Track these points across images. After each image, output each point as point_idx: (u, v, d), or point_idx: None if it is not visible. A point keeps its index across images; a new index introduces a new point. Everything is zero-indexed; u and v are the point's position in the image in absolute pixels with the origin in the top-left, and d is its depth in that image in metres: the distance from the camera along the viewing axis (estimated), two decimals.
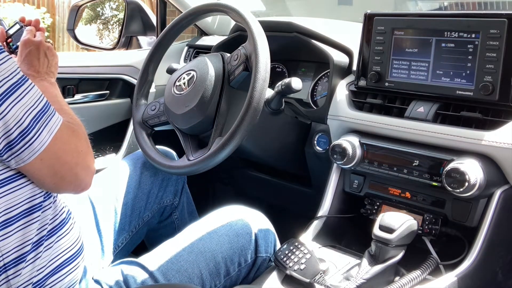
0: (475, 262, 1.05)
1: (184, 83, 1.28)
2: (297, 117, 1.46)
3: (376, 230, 1.06)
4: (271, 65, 1.24)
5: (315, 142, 1.43)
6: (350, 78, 1.39)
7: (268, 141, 1.42)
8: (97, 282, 1.04)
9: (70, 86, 1.73)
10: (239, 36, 1.60)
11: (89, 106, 1.79)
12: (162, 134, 1.44)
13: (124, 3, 2.05)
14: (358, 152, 1.24)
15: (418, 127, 1.17)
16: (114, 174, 1.34)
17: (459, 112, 1.14)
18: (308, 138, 1.45)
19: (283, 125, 1.42)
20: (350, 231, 1.32)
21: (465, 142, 1.10)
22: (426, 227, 1.17)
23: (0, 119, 0.78)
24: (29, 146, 0.81)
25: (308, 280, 1.05)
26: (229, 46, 1.59)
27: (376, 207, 1.27)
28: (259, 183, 1.72)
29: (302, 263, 1.07)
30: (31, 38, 1.09)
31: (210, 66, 1.25)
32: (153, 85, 1.48)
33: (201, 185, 1.91)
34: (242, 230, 1.15)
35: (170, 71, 1.50)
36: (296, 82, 1.26)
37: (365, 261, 1.07)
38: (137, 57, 1.88)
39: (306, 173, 1.51)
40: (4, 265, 0.84)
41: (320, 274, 1.06)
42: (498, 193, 1.08)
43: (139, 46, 2.20)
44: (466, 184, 1.04)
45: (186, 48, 1.95)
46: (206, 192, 2.06)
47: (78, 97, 1.76)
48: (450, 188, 1.07)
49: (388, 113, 1.25)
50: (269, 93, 1.31)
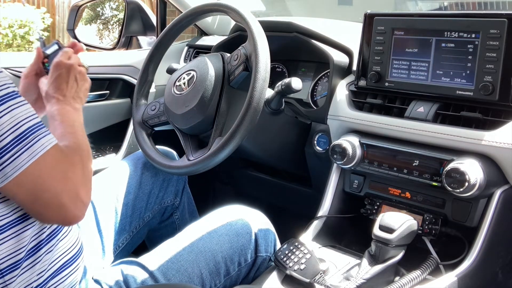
0: (475, 262, 1.05)
1: (184, 83, 1.28)
2: (297, 117, 1.46)
3: (376, 230, 1.06)
4: (271, 65, 1.24)
5: (315, 142, 1.42)
6: (350, 78, 1.39)
7: (268, 141, 1.42)
8: (97, 282, 1.04)
9: None
10: (239, 36, 1.59)
11: (89, 106, 1.78)
12: (162, 134, 1.44)
13: (124, 3, 2.04)
14: (358, 152, 1.24)
15: (418, 127, 1.17)
16: (114, 174, 1.34)
17: (459, 112, 1.14)
18: (308, 138, 1.45)
19: (283, 125, 1.41)
20: (350, 231, 1.32)
21: (465, 142, 1.10)
22: (426, 227, 1.16)
23: None
24: (1, 170, 0.77)
25: (308, 280, 1.05)
26: (229, 46, 1.59)
27: (376, 207, 1.27)
28: (259, 183, 1.72)
29: (302, 263, 1.07)
30: (63, 61, 1.04)
31: (210, 66, 1.25)
32: (153, 85, 1.48)
33: (201, 185, 1.91)
34: (242, 230, 1.15)
35: (170, 71, 1.50)
36: (296, 82, 1.26)
37: (365, 261, 1.07)
38: (137, 57, 1.88)
39: (306, 173, 1.51)
40: (0, 270, 0.84)
41: (320, 274, 1.06)
42: (498, 193, 1.08)
43: (139, 46, 2.20)
44: (466, 184, 1.04)
45: (186, 48, 1.95)
46: (206, 192, 2.05)
47: None
48: (450, 188, 1.07)
49: (388, 113, 1.25)
50: (269, 93, 1.31)
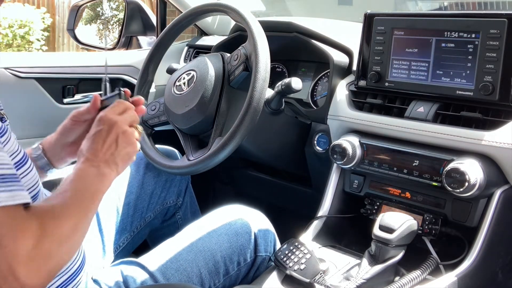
0: (475, 262, 1.05)
1: (184, 83, 1.28)
2: (297, 117, 1.46)
3: (376, 230, 1.06)
4: (271, 65, 1.24)
5: (315, 142, 1.42)
6: (350, 78, 1.39)
7: (268, 141, 1.42)
8: (96, 282, 1.03)
9: (70, 86, 1.73)
10: (239, 36, 1.59)
11: None
12: (163, 134, 1.44)
13: (124, 3, 2.04)
14: (358, 152, 1.24)
15: (418, 127, 1.17)
16: None
17: (459, 112, 1.14)
18: (308, 138, 1.45)
19: (283, 125, 1.41)
20: (350, 231, 1.32)
21: (465, 142, 1.10)
22: (426, 227, 1.16)
23: None
24: None
25: (308, 280, 1.05)
26: (229, 46, 1.59)
27: (376, 207, 1.27)
28: (259, 183, 1.72)
29: (302, 263, 1.07)
30: (108, 116, 0.90)
31: (210, 66, 1.25)
32: (153, 85, 1.48)
33: (201, 185, 1.91)
34: (242, 229, 1.15)
35: (170, 71, 1.50)
36: (296, 82, 1.26)
37: (365, 261, 1.07)
38: (137, 57, 1.88)
39: (306, 173, 1.51)
40: None
41: (320, 274, 1.06)
42: (498, 193, 1.08)
43: (139, 46, 2.20)
44: (466, 184, 1.04)
45: (186, 48, 1.95)
46: (206, 192, 2.05)
47: (78, 97, 1.76)
48: (450, 188, 1.06)
49: (388, 113, 1.25)
50: (269, 93, 1.31)
